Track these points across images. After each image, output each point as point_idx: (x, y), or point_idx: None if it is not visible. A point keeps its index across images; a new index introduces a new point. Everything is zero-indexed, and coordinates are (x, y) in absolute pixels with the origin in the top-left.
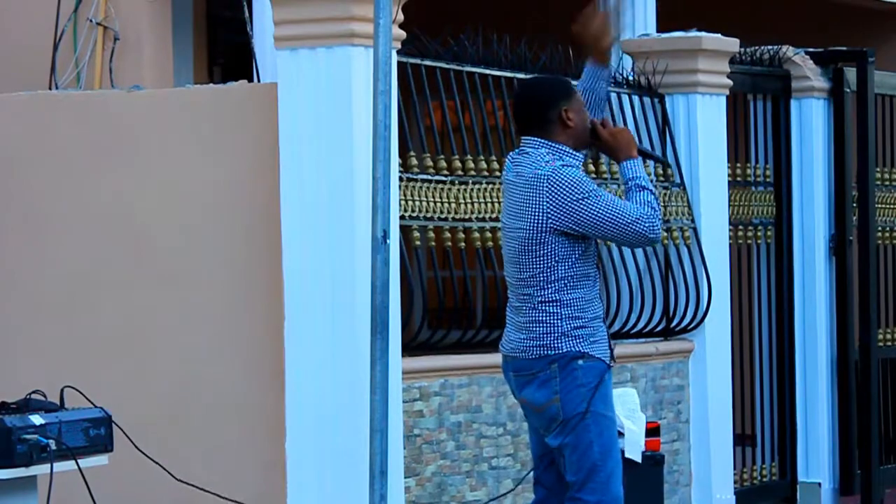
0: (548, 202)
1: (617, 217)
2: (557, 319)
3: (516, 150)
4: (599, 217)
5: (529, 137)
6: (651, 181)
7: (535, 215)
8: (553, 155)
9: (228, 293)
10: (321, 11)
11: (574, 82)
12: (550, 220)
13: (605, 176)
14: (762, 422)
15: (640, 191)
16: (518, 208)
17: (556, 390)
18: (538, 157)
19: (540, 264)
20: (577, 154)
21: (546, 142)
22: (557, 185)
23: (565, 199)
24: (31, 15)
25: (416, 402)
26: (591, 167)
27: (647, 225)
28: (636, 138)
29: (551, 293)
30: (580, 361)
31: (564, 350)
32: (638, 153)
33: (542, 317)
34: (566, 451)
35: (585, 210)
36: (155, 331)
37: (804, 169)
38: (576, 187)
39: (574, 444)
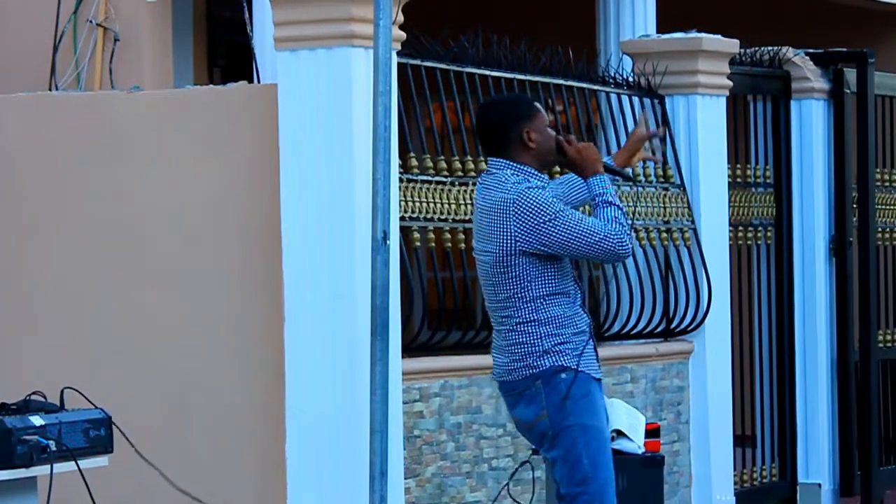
0: (515, 226)
1: (585, 235)
2: (537, 338)
3: (484, 172)
4: (567, 237)
5: (494, 159)
6: (622, 193)
7: (503, 239)
8: (518, 176)
9: (228, 294)
10: (321, 12)
11: (537, 104)
12: (518, 244)
13: None
14: (762, 423)
15: (606, 206)
16: (487, 232)
17: (542, 406)
18: (504, 179)
19: (514, 286)
20: (542, 175)
21: (510, 163)
22: (523, 208)
23: (532, 222)
24: (31, 16)
25: (416, 403)
26: None
27: (614, 241)
28: (603, 154)
29: (528, 313)
30: (563, 375)
31: (547, 366)
32: (604, 170)
33: (522, 338)
34: (557, 464)
35: (552, 231)
36: (155, 331)
37: (804, 170)
38: (542, 210)
39: (564, 457)
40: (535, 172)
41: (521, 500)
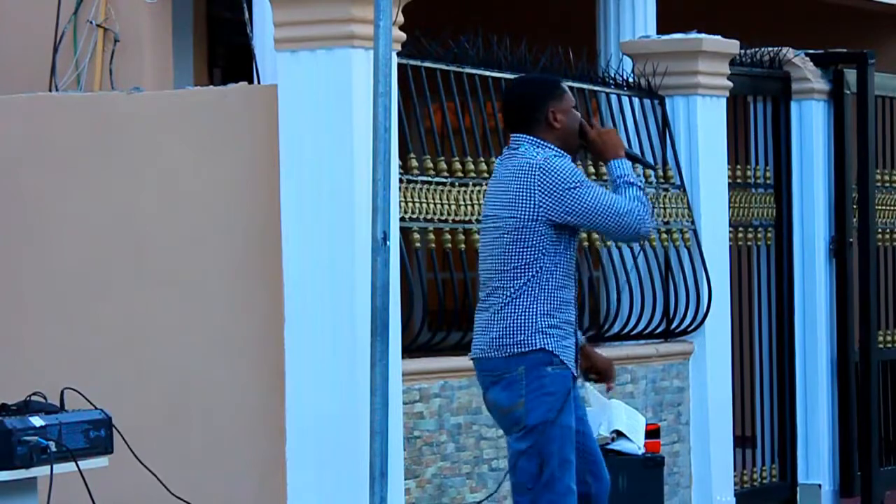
0: (539, 191)
1: (607, 208)
2: (533, 314)
3: (507, 147)
4: (589, 207)
5: (518, 135)
6: (641, 180)
7: (526, 204)
8: (542, 149)
9: (228, 294)
10: (321, 13)
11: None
12: (542, 209)
13: (605, 178)
14: (762, 423)
15: (628, 186)
16: (508, 197)
17: (521, 394)
18: (527, 150)
19: (526, 255)
20: (565, 154)
21: (534, 139)
22: (549, 174)
23: (556, 188)
24: (31, 16)
25: (416, 403)
26: (592, 168)
27: (636, 218)
28: (624, 141)
29: (533, 284)
30: (549, 368)
31: (538, 347)
32: (625, 156)
33: (519, 310)
34: (524, 457)
35: (576, 199)
36: (155, 331)
37: (804, 171)
38: (567, 176)
39: (534, 452)
40: (558, 150)
41: None
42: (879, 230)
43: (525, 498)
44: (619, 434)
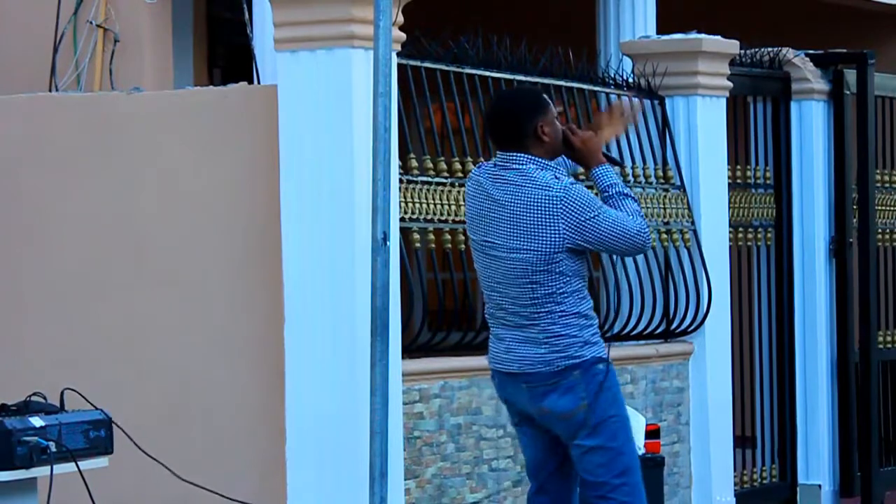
0: (564, 222)
1: (621, 232)
2: (579, 330)
3: (492, 165)
4: (605, 234)
5: (511, 153)
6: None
7: (550, 235)
8: (546, 171)
9: (228, 294)
10: (321, 13)
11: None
12: (566, 240)
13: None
14: (762, 424)
15: (624, 199)
16: (525, 227)
17: (582, 396)
18: (534, 175)
19: (557, 281)
20: (561, 168)
21: (529, 156)
22: (571, 204)
23: (579, 218)
24: (31, 16)
25: (416, 403)
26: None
27: (644, 236)
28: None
29: (570, 306)
30: (600, 366)
31: (588, 356)
32: (605, 159)
33: (566, 330)
34: (595, 453)
35: (594, 227)
36: (155, 332)
37: (804, 171)
38: (587, 206)
39: (604, 447)
40: (555, 166)
41: (520, 501)
42: (879, 230)
43: (602, 491)
44: None
